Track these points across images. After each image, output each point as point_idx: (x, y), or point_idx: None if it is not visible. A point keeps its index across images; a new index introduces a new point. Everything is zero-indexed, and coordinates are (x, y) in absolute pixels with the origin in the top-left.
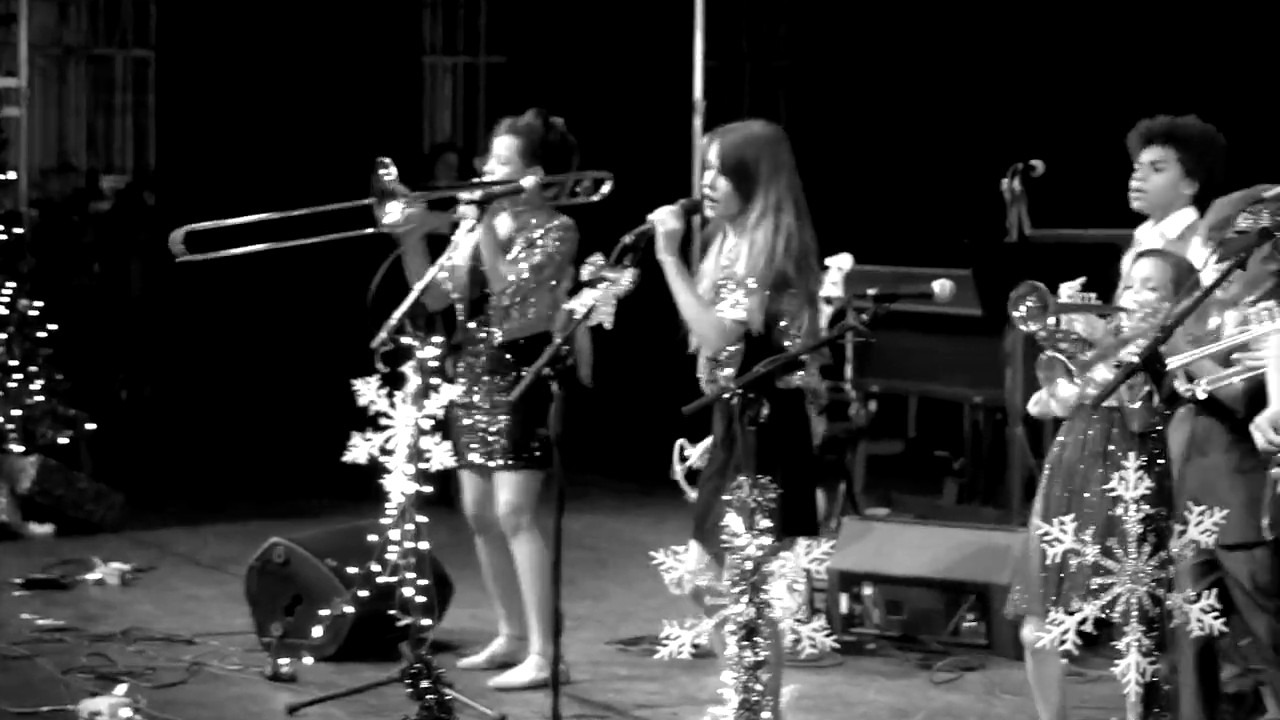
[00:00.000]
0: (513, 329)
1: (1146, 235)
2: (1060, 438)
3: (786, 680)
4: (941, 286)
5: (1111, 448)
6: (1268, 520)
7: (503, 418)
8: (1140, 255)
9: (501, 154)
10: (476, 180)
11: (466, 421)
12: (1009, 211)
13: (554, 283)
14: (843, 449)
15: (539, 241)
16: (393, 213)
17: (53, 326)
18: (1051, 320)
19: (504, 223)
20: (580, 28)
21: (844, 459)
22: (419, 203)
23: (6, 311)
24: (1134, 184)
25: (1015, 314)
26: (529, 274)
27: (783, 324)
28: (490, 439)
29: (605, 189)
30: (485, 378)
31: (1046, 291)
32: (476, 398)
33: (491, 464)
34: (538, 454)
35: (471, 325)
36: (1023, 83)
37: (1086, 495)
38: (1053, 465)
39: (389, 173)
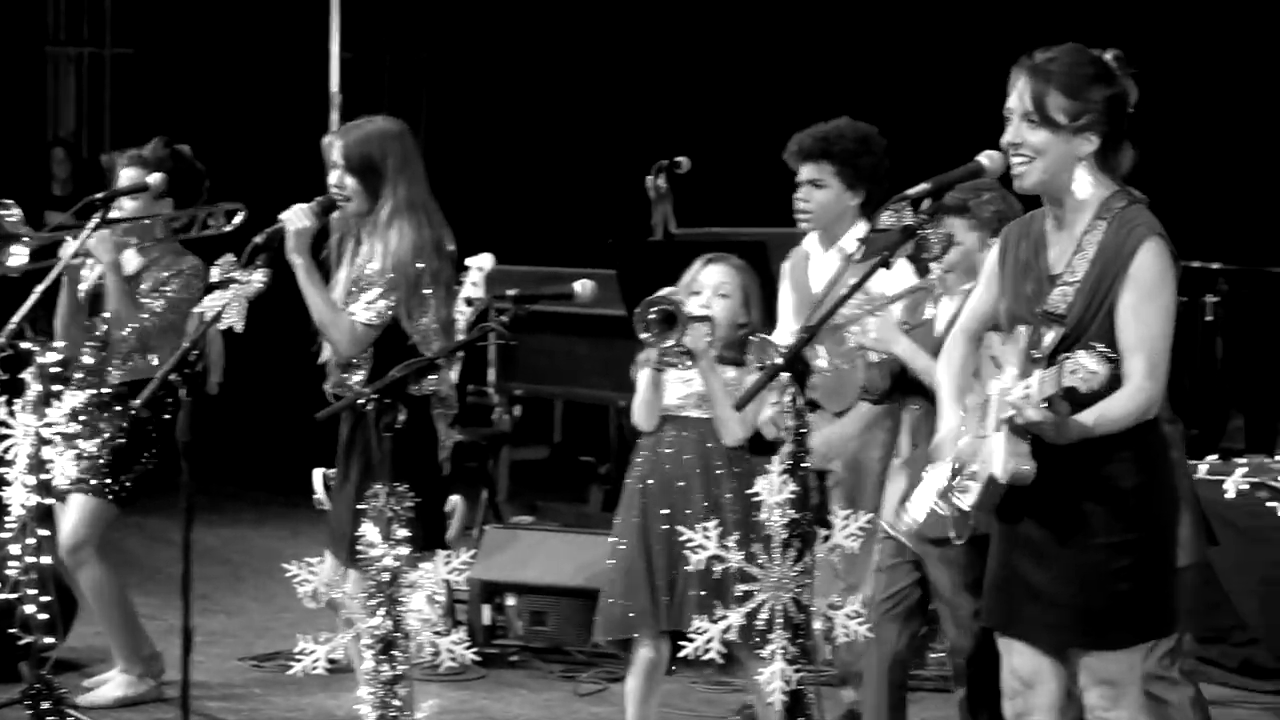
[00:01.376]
0: (131, 370)
1: (814, 245)
2: (645, 453)
3: (426, 694)
4: (583, 287)
5: (708, 458)
6: (954, 533)
7: (94, 445)
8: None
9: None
10: (103, 219)
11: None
12: (654, 210)
13: (178, 330)
14: (485, 455)
15: (166, 286)
16: (17, 256)
17: None
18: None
19: (131, 259)
20: (212, 18)
21: (486, 465)
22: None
23: None
24: (798, 204)
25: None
26: (153, 319)
27: (419, 326)
28: (81, 462)
29: (238, 219)
30: (93, 409)
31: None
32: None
33: (69, 486)
34: (121, 492)
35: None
36: (668, 79)
37: (689, 512)
38: (644, 476)
39: (11, 214)
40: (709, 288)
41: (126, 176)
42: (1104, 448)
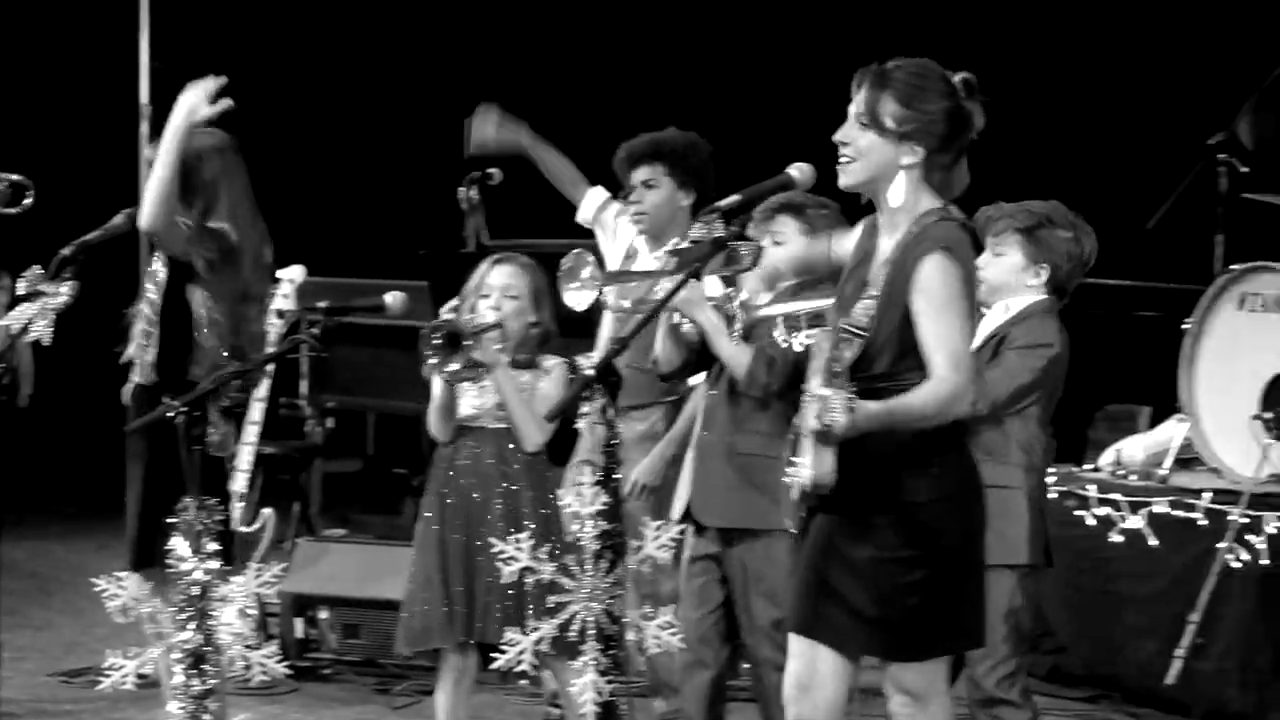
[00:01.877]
0: None
1: (642, 245)
2: (443, 464)
3: (238, 709)
4: (394, 299)
5: (505, 469)
6: (790, 522)
7: None
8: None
9: None
10: None
11: None
12: (466, 221)
13: None
14: (297, 468)
15: None
16: None
17: None
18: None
19: None
20: (18, 26)
21: (299, 478)
22: None
23: None
24: (632, 208)
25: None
26: None
27: (237, 338)
28: None
29: (27, 200)
30: None
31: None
32: None
33: None
34: None
35: None
36: (479, 90)
37: (488, 521)
38: (441, 487)
39: None
40: (497, 289)
41: None
42: (905, 463)
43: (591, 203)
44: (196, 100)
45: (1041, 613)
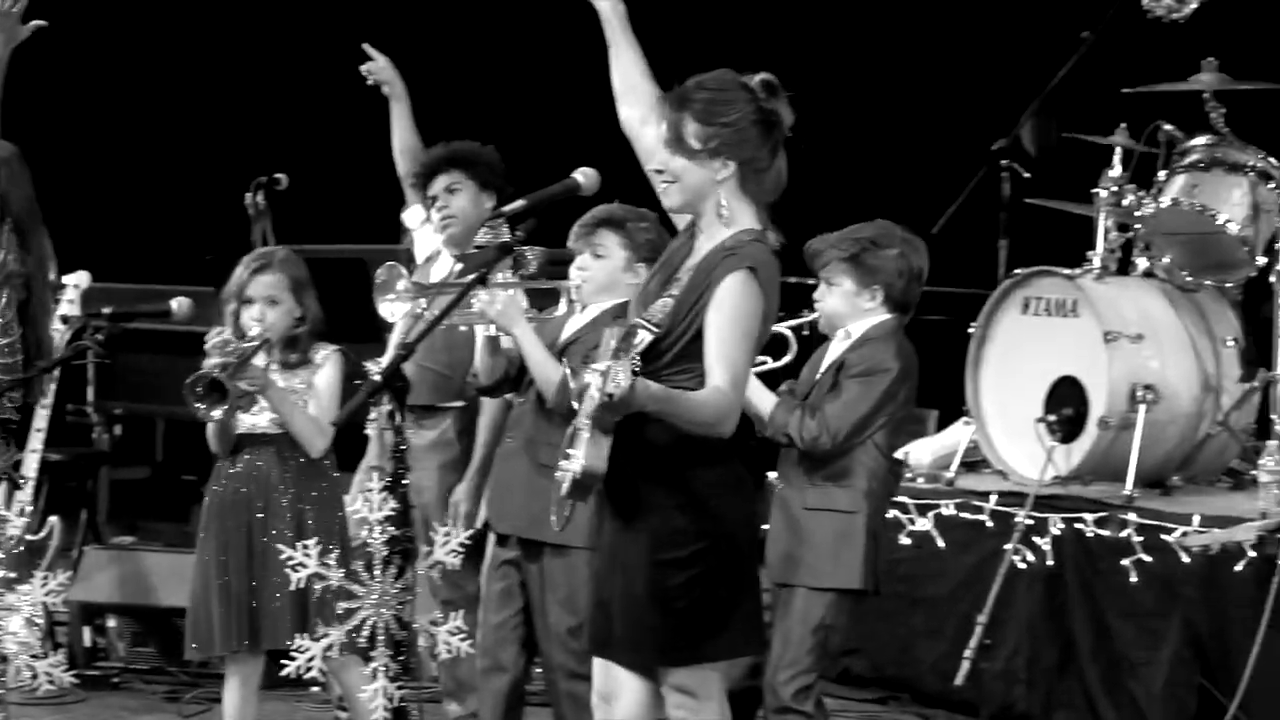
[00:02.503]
0: None
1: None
2: (227, 471)
3: (24, 719)
4: (179, 304)
5: (286, 474)
6: (555, 518)
7: None
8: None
9: None
10: None
11: None
12: (253, 226)
13: None
14: (84, 475)
15: None
16: None
17: None
18: None
19: None
20: None
21: (85, 485)
22: None
23: None
24: (438, 215)
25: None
26: None
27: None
28: None
29: None
30: None
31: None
32: None
33: None
34: None
35: None
36: (266, 96)
37: (272, 529)
38: (223, 494)
39: None
40: (260, 300)
41: None
42: (680, 468)
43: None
44: None
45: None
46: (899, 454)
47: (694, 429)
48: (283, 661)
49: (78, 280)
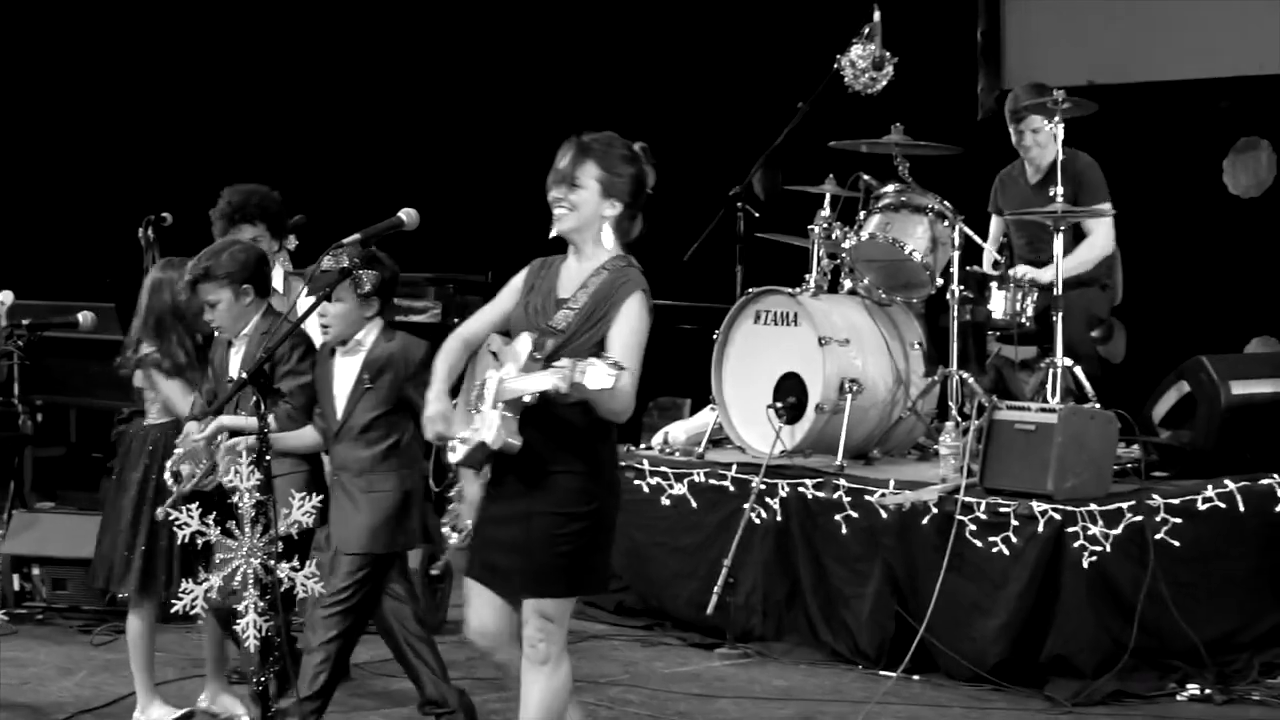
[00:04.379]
0: None
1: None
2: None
3: None
4: (85, 317)
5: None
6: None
7: None
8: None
9: None
10: None
11: None
12: (145, 256)
13: None
14: (11, 454)
15: None
16: None
17: None
18: None
19: None
20: None
21: (13, 463)
22: None
23: None
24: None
25: None
26: None
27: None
28: None
29: None
30: None
31: None
32: None
33: None
34: None
35: None
36: (158, 138)
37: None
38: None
39: None
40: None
41: None
42: (572, 444)
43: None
44: None
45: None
46: (659, 435)
47: (605, 414)
48: (172, 601)
49: (3, 297)
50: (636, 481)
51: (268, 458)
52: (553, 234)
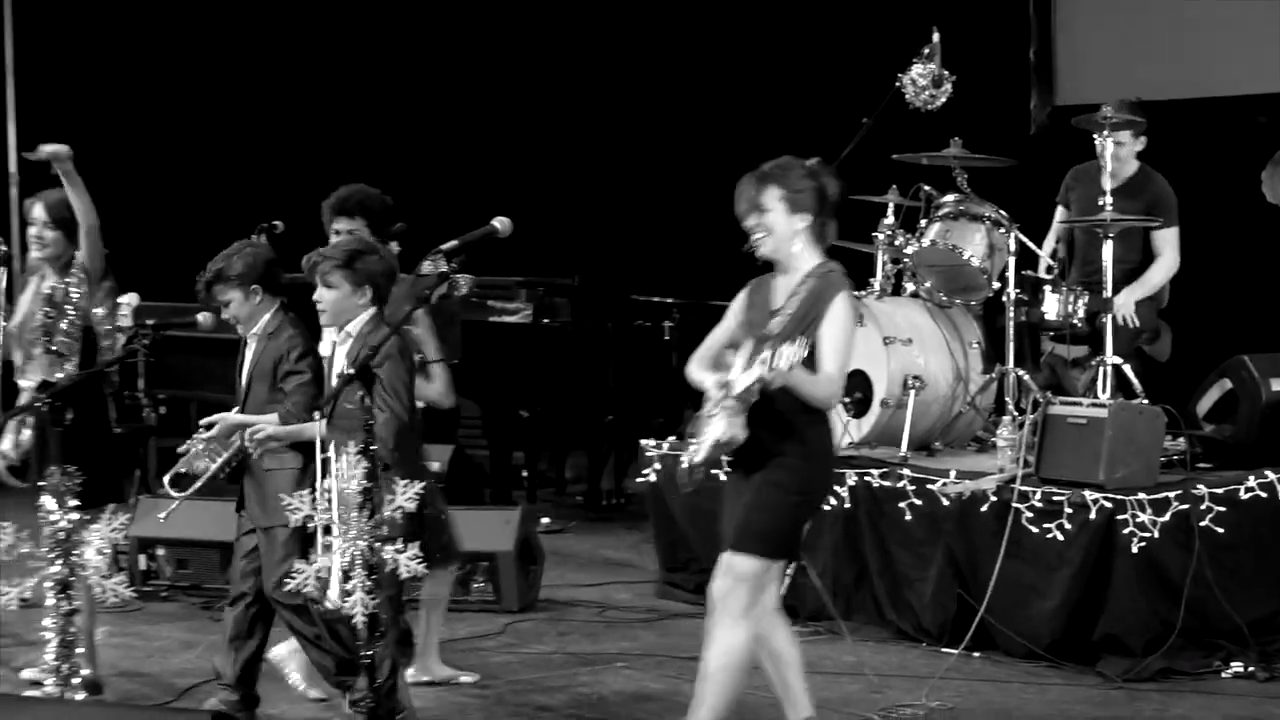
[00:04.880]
0: None
1: None
2: None
3: (98, 624)
4: (204, 318)
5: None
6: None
7: None
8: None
9: None
10: None
11: None
12: None
13: None
14: (138, 444)
15: None
16: None
17: None
18: None
19: None
20: None
21: (139, 452)
22: None
23: None
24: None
25: None
26: None
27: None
28: None
29: None
30: None
31: None
32: None
33: None
34: None
35: None
36: (274, 149)
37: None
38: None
39: None
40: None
41: None
42: (799, 426)
43: None
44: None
45: (683, 539)
46: None
47: (813, 402)
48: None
49: (129, 299)
50: (714, 470)
51: (373, 449)
52: (759, 258)
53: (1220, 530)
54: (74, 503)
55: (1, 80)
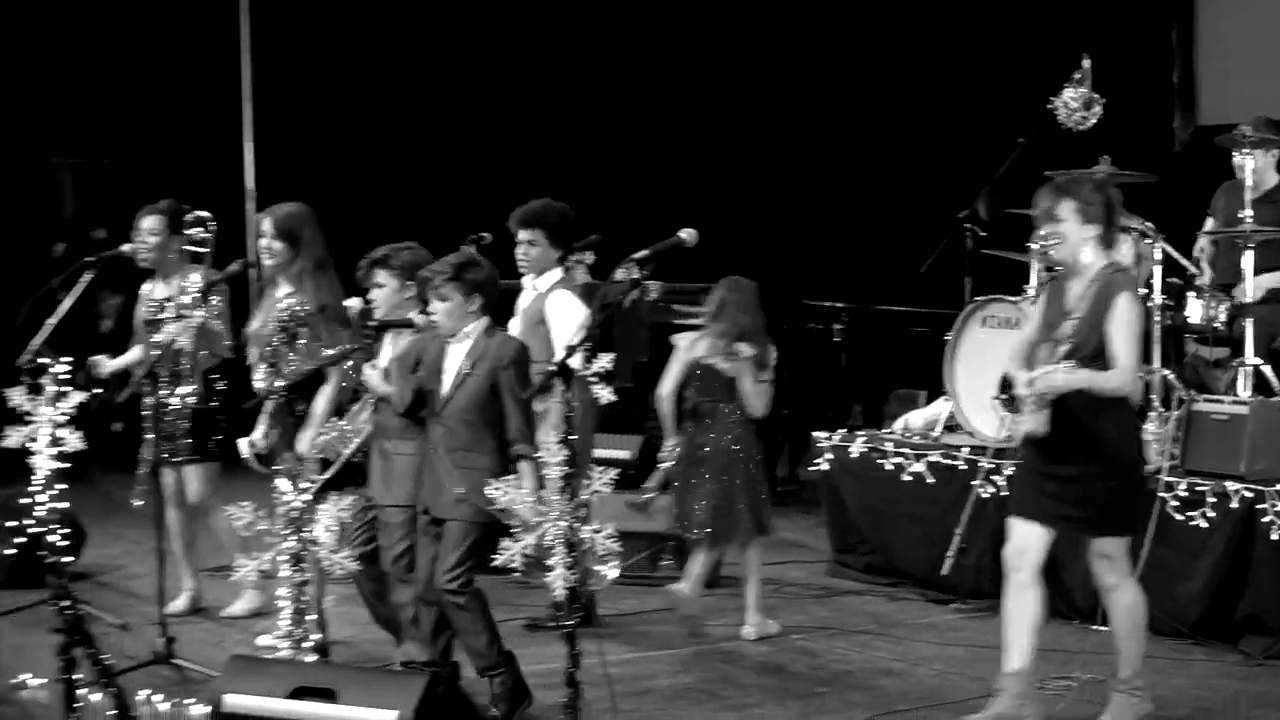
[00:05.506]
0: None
1: (528, 283)
2: None
3: (327, 593)
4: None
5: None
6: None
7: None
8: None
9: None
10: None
11: None
12: None
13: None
14: None
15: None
16: None
17: None
18: None
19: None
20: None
21: None
22: None
23: None
24: (519, 255)
25: None
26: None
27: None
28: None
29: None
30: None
31: None
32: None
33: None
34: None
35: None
36: (482, 167)
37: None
38: None
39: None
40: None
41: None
42: (1096, 415)
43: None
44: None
45: (852, 523)
46: (900, 421)
47: (1113, 394)
48: (492, 557)
49: (354, 303)
50: (880, 461)
51: (573, 437)
52: (1048, 263)
53: None
54: (306, 484)
55: (239, 102)
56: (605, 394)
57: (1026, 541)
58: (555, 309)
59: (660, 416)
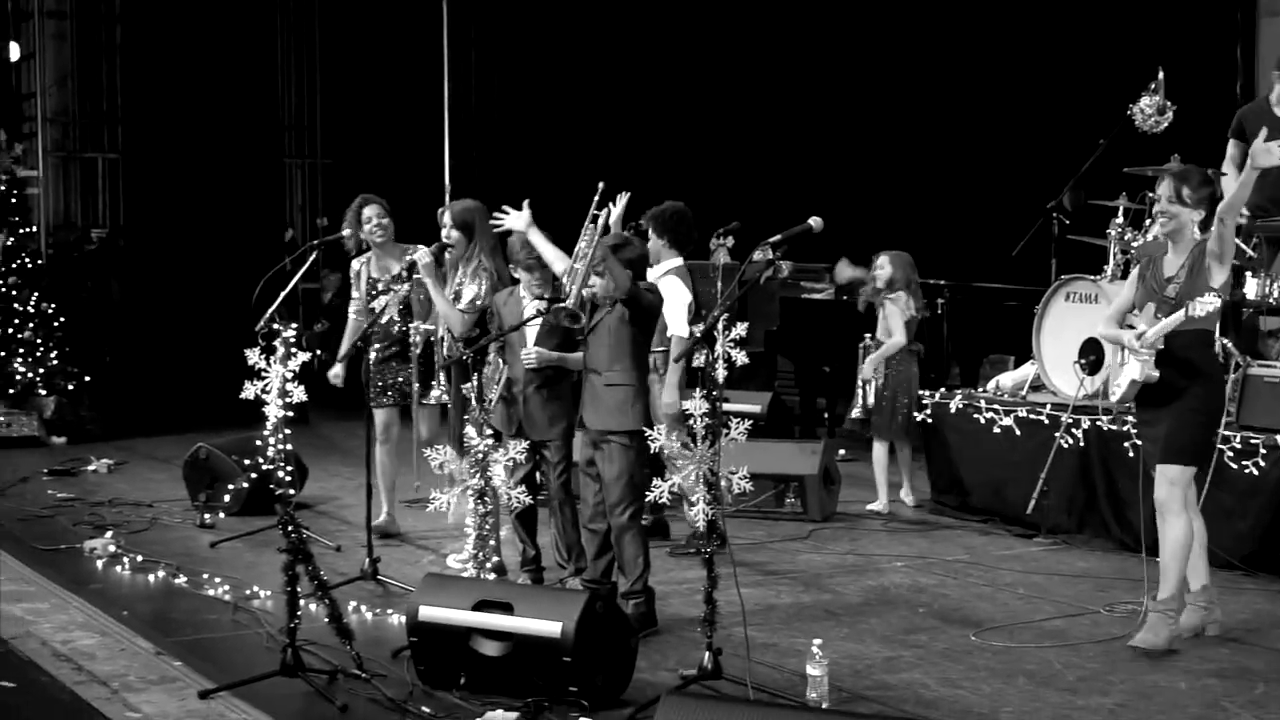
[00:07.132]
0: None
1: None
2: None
3: (505, 522)
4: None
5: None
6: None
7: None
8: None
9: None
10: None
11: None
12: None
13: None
14: None
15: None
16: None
17: (62, 319)
18: None
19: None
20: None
21: None
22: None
23: (33, 310)
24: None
25: None
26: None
27: (490, 317)
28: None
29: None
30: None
31: None
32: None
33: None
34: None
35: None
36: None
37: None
38: None
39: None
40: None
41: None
42: (1188, 368)
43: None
44: (424, 255)
45: (950, 468)
46: (992, 382)
47: (1199, 322)
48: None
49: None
50: (975, 415)
51: (716, 391)
52: (1160, 234)
53: None
54: (489, 432)
55: (441, 115)
56: (740, 356)
57: (1160, 485)
58: (666, 291)
59: None
